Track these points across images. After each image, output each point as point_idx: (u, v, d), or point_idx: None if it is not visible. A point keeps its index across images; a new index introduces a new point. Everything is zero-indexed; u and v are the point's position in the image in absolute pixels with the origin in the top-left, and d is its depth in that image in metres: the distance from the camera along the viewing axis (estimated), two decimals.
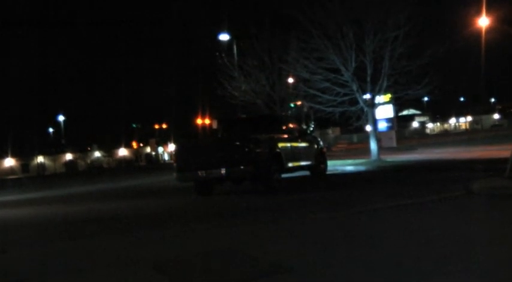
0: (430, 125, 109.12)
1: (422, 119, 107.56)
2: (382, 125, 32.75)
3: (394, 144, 33.62)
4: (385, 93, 21.94)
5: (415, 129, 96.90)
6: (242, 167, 11.37)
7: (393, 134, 34.99)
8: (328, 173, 15.84)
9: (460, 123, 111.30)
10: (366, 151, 24.54)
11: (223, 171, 11.46)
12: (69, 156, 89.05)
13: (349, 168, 18.43)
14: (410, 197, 8.60)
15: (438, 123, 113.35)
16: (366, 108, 21.07)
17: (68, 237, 7.84)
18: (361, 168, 17.83)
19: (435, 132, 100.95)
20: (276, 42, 24.54)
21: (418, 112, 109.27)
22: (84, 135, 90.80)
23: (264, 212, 8.88)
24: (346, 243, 5.60)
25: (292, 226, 7.07)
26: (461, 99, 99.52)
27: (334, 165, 19.30)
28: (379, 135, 22.05)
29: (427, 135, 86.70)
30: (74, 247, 6.99)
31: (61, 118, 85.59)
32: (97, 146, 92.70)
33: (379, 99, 22.00)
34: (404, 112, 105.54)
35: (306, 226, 6.97)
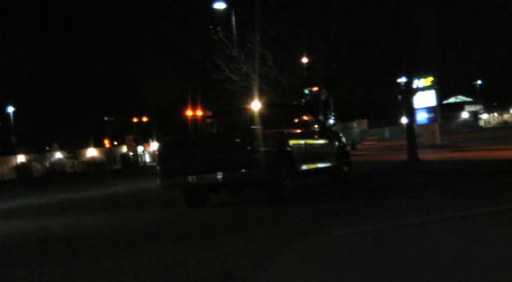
0: (484, 116, 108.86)
1: (474, 108, 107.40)
2: (422, 117, 32.94)
3: (437, 140, 33.80)
4: (425, 75, 22.02)
5: (465, 121, 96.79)
6: (243, 171, 11.45)
7: (436, 127, 35.18)
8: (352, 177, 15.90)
9: None
10: (401, 149, 24.59)
11: (219, 176, 11.54)
12: (21, 158, 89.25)
13: (378, 171, 18.50)
14: (455, 209, 8.69)
15: (495, 114, 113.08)
16: (400, 96, 21.11)
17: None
18: (394, 171, 17.90)
19: (491, 125, 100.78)
20: (285, 12, 24.60)
21: (468, 99, 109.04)
22: (41, 132, 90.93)
23: (271, 227, 8.98)
24: (372, 269, 5.69)
25: (307, 245, 7.16)
26: None
27: (359, 168, 19.37)
28: (417, 130, 22.09)
29: (481, 128, 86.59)
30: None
31: (10, 109, 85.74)
32: (58, 144, 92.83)
33: (418, 83, 22.02)
34: (451, 99, 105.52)
35: (324, 245, 7.07)
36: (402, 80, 20.93)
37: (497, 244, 6.24)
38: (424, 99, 31.15)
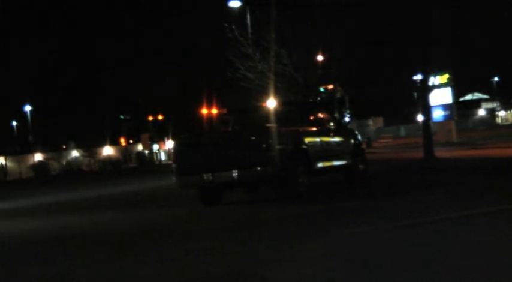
0: (501, 113, 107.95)
1: (491, 105, 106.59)
2: (438, 114, 32.74)
3: (453, 138, 33.59)
4: (441, 72, 21.88)
5: (482, 119, 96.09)
6: (259, 169, 11.48)
7: (452, 125, 34.95)
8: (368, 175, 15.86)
9: None
10: (417, 147, 24.49)
11: (234, 174, 11.57)
12: (38, 157, 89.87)
13: (394, 169, 18.44)
14: (472, 207, 8.63)
15: None
16: (416, 93, 21.03)
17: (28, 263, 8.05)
18: (410, 169, 17.84)
19: (508, 122, 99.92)
20: (300, 10, 24.59)
21: (485, 96, 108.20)
22: (57, 130, 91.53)
23: (286, 225, 8.99)
24: (390, 266, 5.68)
25: (322, 242, 7.16)
26: None
27: (375, 165, 19.32)
28: (433, 127, 21.98)
29: (498, 125, 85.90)
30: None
31: (27, 108, 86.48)
32: (75, 143, 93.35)
33: (434, 80, 21.92)
34: (468, 97, 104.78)
35: (339, 243, 7.06)
36: (418, 77, 20.84)
37: None
38: (440, 97, 30.95)
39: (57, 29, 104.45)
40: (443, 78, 30.25)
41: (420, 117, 22.22)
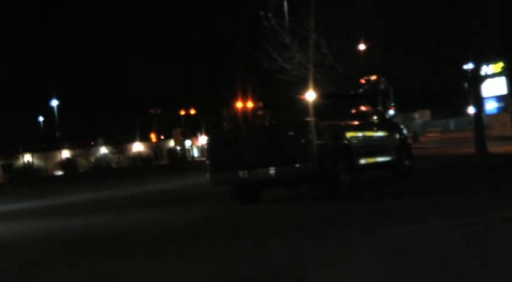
0: None
1: None
2: (491, 106, 32.27)
3: (508, 131, 33.04)
4: (495, 61, 21.54)
5: None
6: (297, 166, 11.50)
7: (507, 117, 34.40)
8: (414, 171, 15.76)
9: None
10: (467, 142, 24.22)
11: (272, 171, 11.61)
12: (66, 154, 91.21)
13: (443, 165, 18.28)
14: None
15: None
16: (466, 84, 20.77)
17: (67, 263, 8.22)
18: (460, 165, 17.66)
19: None
20: None
21: None
22: (86, 126, 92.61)
23: (327, 225, 9.01)
24: (431, 270, 5.66)
25: (365, 244, 7.17)
26: None
27: (422, 161, 19.18)
28: (486, 120, 21.72)
29: None
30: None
31: (54, 103, 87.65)
32: (103, 139, 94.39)
33: (487, 69, 21.62)
34: None
35: (383, 244, 7.06)
36: (469, 66, 20.57)
37: None
38: (494, 87, 30.52)
39: (86, 19, 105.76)
40: (497, 67, 29.79)
41: (471, 110, 21.94)
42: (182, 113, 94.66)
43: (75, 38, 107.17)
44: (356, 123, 13.82)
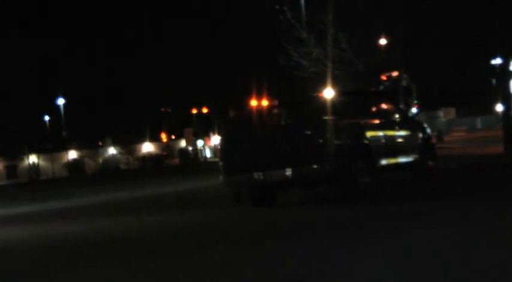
0: None
1: None
2: None
3: None
4: None
5: None
6: (315, 167, 11.50)
7: None
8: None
9: None
10: (495, 141, 24.07)
11: (288, 172, 11.60)
12: (72, 155, 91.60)
13: (468, 166, 18.19)
14: None
15: None
16: (494, 79, 20.65)
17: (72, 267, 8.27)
18: (487, 166, 17.56)
19: None
20: None
21: None
22: (93, 125, 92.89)
23: (346, 229, 9.00)
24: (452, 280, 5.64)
25: (386, 249, 7.15)
26: None
27: (446, 162, 19.11)
28: None
29: None
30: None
31: (61, 101, 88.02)
32: (111, 139, 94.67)
33: None
34: None
35: (405, 249, 7.04)
36: (497, 61, 20.42)
37: None
38: None
39: (94, 16, 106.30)
40: None
41: (499, 107, 21.78)
42: (194, 111, 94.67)
43: (82, 35, 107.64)
44: (377, 122, 13.80)
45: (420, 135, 15.25)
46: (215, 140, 79.99)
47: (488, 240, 7.03)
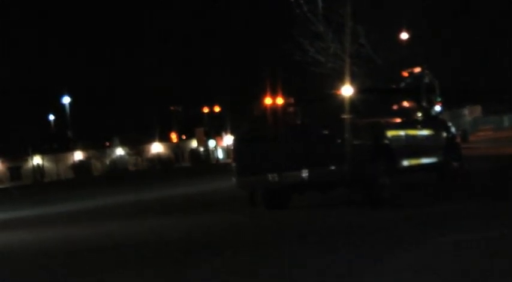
0: None
1: None
2: None
3: None
4: None
5: None
6: (332, 168, 11.47)
7: None
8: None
9: None
10: None
11: (304, 174, 11.59)
12: (78, 156, 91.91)
13: (495, 167, 18.11)
14: None
15: None
16: None
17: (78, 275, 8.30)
18: None
19: None
20: None
21: None
22: (100, 125, 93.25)
23: (367, 233, 8.97)
24: None
25: (410, 254, 7.13)
26: None
27: (472, 162, 19.02)
28: None
29: None
30: None
31: (66, 100, 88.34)
32: (119, 140, 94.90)
33: None
34: None
35: (430, 254, 7.02)
36: None
37: None
38: None
39: (101, 13, 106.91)
40: None
41: None
42: (206, 110, 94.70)
43: (89, 31, 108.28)
44: (398, 120, 13.74)
45: (444, 134, 15.18)
46: (228, 140, 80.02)
47: None
